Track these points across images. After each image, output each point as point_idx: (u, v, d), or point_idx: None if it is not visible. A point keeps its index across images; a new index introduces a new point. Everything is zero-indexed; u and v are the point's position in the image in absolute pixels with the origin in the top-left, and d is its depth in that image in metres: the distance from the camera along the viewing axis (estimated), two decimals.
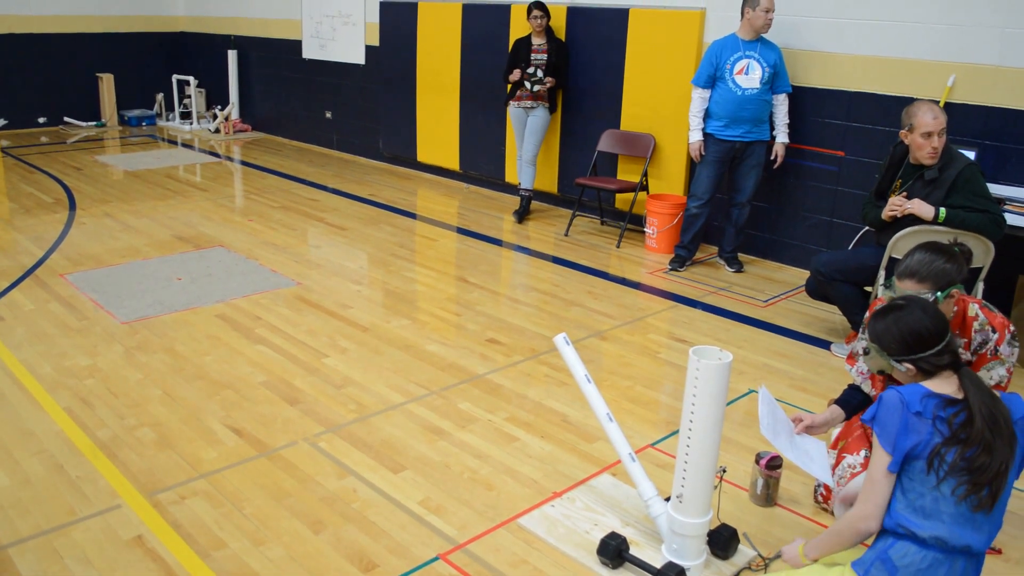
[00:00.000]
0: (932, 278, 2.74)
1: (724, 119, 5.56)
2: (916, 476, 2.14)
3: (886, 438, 2.16)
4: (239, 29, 11.01)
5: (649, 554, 2.74)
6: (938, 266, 2.73)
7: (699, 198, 5.76)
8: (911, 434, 2.13)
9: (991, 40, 4.86)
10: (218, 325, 4.67)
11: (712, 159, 5.67)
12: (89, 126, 11.21)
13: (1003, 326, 2.83)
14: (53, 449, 3.35)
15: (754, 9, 5.38)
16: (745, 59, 5.47)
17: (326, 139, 10.22)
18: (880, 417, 2.18)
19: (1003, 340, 2.83)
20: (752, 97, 5.49)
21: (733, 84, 5.49)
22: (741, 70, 5.47)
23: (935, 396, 2.17)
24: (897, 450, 2.13)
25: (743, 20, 5.48)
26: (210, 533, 2.86)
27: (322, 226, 6.86)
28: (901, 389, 2.20)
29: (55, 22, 10.82)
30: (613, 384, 4.09)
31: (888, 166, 4.28)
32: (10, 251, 5.90)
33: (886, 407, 2.18)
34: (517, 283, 5.66)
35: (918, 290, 2.76)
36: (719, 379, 2.46)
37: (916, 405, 2.15)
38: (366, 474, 3.24)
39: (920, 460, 2.12)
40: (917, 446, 2.12)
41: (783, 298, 5.43)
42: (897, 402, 2.16)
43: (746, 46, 5.48)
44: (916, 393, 2.17)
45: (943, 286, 2.74)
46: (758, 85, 5.48)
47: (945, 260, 2.75)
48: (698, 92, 5.63)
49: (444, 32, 8.10)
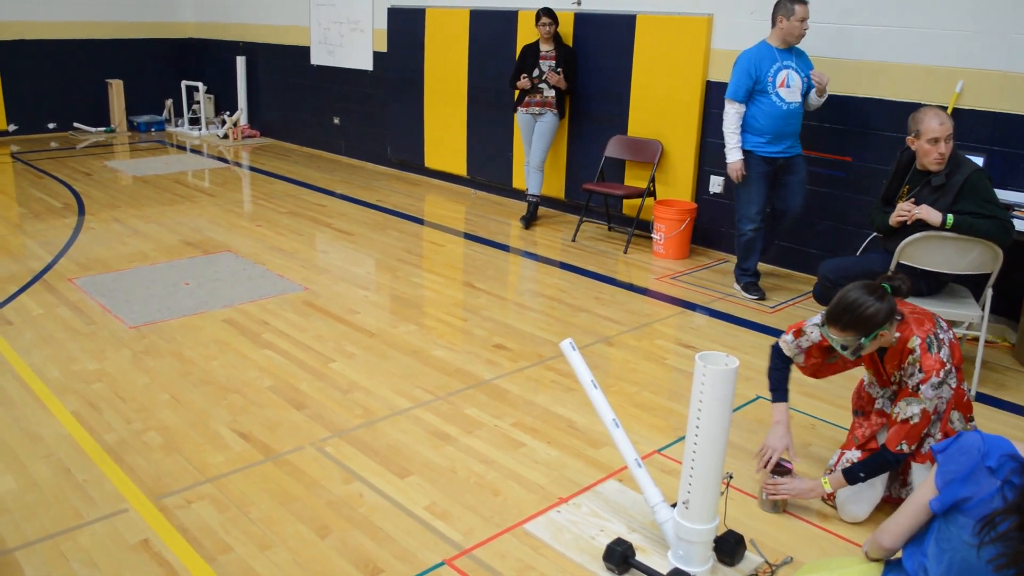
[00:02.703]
0: (854, 328, 2.74)
1: (767, 135, 5.21)
2: (956, 531, 1.98)
3: (943, 476, 2.01)
4: (248, 35, 11.06)
5: (655, 560, 2.73)
6: (860, 314, 2.71)
7: (753, 220, 5.38)
8: (969, 485, 1.97)
9: (999, 46, 4.85)
10: (225, 330, 4.68)
11: (756, 176, 5.30)
12: (98, 131, 11.27)
13: (932, 369, 2.79)
14: (60, 453, 3.36)
15: (788, 18, 5.06)
16: (784, 70, 5.16)
17: (334, 145, 10.25)
18: (949, 453, 2.03)
19: (927, 382, 2.80)
20: (795, 111, 5.23)
21: (777, 98, 5.15)
22: (783, 82, 5.14)
23: (1017, 459, 1.94)
24: (946, 493, 1.99)
25: (775, 28, 5.16)
26: (216, 537, 2.86)
27: (330, 231, 6.87)
28: (987, 437, 2.02)
29: (65, 28, 10.88)
30: (620, 390, 4.09)
31: (895, 172, 4.27)
32: (19, 255, 5.93)
33: (960, 447, 2.01)
34: (524, 289, 5.66)
35: (843, 338, 2.76)
36: (726, 385, 2.45)
37: (993, 460, 1.96)
38: (372, 479, 3.24)
39: (967, 517, 1.96)
40: (970, 500, 1.96)
41: (791, 304, 5.42)
42: (975, 448, 1.99)
43: (782, 56, 5.17)
44: (999, 448, 1.98)
45: (867, 332, 2.73)
46: (799, 98, 5.21)
47: (871, 303, 2.70)
48: (736, 107, 5.21)
49: (452, 38, 8.12)
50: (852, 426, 3.21)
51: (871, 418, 3.13)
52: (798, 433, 3.64)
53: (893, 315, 2.77)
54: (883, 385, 3.10)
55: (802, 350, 3.19)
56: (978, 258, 3.96)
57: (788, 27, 5.09)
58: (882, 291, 2.77)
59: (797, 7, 5.05)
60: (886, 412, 3.10)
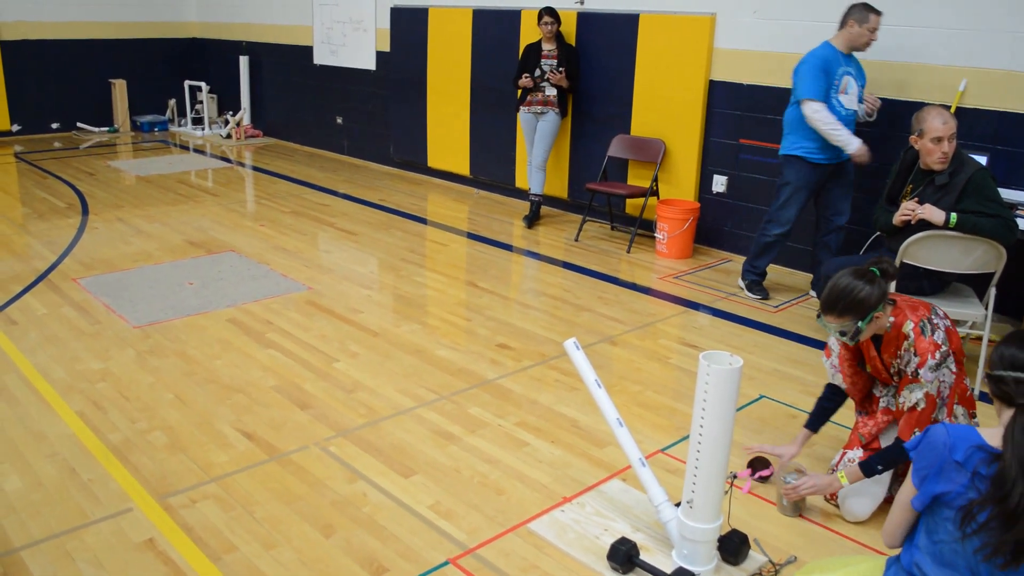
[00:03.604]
0: (851, 312, 2.78)
1: (821, 141, 5.01)
2: (942, 523, 1.99)
3: (917, 474, 2.02)
4: (251, 35, 11.07)
5: (659, 560, 2.74)
6: (853, 298, 2.76)
7: (783, 224, 5.26)
8: (943, 481, 1.97)
9: (1003, 45, 4.85)
10: (229, 329, 4.69)
11: (803, 184, 5.15)
12: (102, 131, 11.28)
13: (927, 351, 2.82)
14: (65, 452, 3.37)
15: (860, 25, 4.86)
16: (847, 75, 4.98)
17: (337, 144, 10.26)
18: (920, 450, 2.04)
19: (924, 364, 2.83)
20: (851, 118, 5.04)
21: (837, 103, 4.97)
22: (844, 88, 4.97)
23: (984, 450, 1.94)
24: (924, 490, 2.00)
25: (843, 31, 4.94)
26: (221, 537, 2.87)
27: (333, 231, 6.88)
28: (952, 429, 2.01)
29: (68, 28, 10.90)
30: (623, 389, 4.09)
31: (899, 171, 4.27)
32: (23, 256, 5.94)
33: (928, 443, 2.02)
34: (527, 288, 5.67)
35: (840, 324, 2.79)
36: (729, 384, 2.45)
37: (960, 453, 1.95)
38: (376, 478, 3.25)
39: (950, 509, 1.97)
40: (948, 494, 1.96)
41: (794, 303, 5.42)
42: (941, 443, 1.99)
43: (845, 60, 4.98)
44: (965, 440, 1.97)
45: (862, 315, 2.77)
46: (856, 106, 5.04)
47: (862, 287, 2.75)
48: (819, 104, 4.90)
49: (454, 38, 8.12)
50: (856, 425, 3.21)
51: (876, 416, 3.13)
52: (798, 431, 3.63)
53: (885, 297, 2.80)
54: (886, 382, 3.11)
55: (836, 368, 3.19)
56: (982, 257, 3.96)
57: (858, 33, 4.89)
58: (871, 274, 2.80)
59: (872, 16, 4.86)
60: (891, 410, 3.10)
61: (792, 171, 5.19)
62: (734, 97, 6.17)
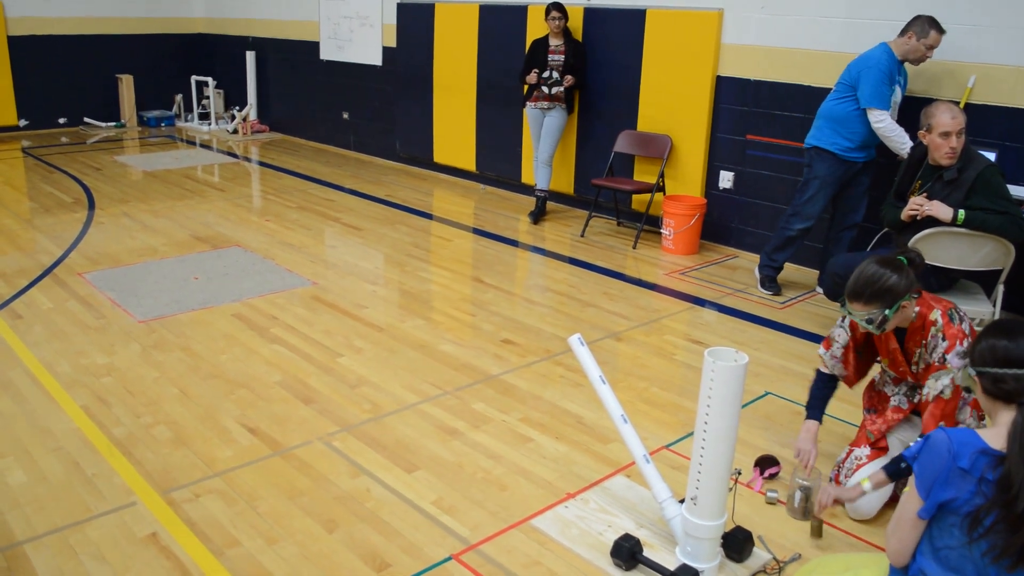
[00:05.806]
0: (878, 299, 2.74)
1: (857, 142, 5.01)
2: (948, 529, 1.97)
3: (922, 484, 1.97)
4: (257, 31, 11.07)
5: (663, 556, 2.73)
6: (881, 286, 2.72)
7: (807, 219, 5.22)
8: (950, 488, 1.93)
9: (1012, 41, 4.81)
10: (234, 324, 4.69)
11: (832, 179, 5.12)
12: (109, 127, 11.30)
13: (956, 336, 2.79)
14: (69, 446, 3.37)
15: (919, 39, 4.77)
16: (897, 86, 4.94)
17: (343, 140, 10.26)
18: (922, 459, 1.99)
19: (952, 350, 2.79)
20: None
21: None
22: (894, 98, 4.95)
23: (988, 454, 1.91)
24: (931, 499, 1.96)
25: (902, 39, 4.85)
26: (224, 531, 2.86)
27: (338, 226, 6.88)
28: (953, 434, 1.97)
29: (75, 24, 10.92)
30: (628, 385, 4.08)
31: (907, 167, 4.25)
32: (29, 250, 5.96)
33: (931, 451, 1.97)
34: (532, 284, 5.65)
35: (867, 311, 2.75)
36: (735, 381, 2.44)
37: (964, 460, 1.92)
38: (380, 474, 3.24)
39: (956, 516, 1.94)
40: (954, 501, 1.93)
41: (801, 300, 5.39)
42: (944, 450, 1.94)
43: (899, 69, 4.94)
44: (968, 445, 1.93)
45: (890, 303, 2.73)
46: (896, 113, 5.01)
47: (890, 275, 2.72)
48: (884, 113, 4.84)
49: (461, 33, 8.11)
50: (863, 423, 3.19)
51: (886, 414, 3.11)
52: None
53: (913, 285, 2.77)
54: (901, 376, 3.08)
55: (838, 359, 3.16)
56: (990, 254, 3.94)
57: (915, 47, 4.81)
58: (899, 263, 2.77)
59: (933, 33, 4.75)
60: (903, 408, 3.08)
61: (823, 165, 5.12)
62: (741, 93, 6.14)
